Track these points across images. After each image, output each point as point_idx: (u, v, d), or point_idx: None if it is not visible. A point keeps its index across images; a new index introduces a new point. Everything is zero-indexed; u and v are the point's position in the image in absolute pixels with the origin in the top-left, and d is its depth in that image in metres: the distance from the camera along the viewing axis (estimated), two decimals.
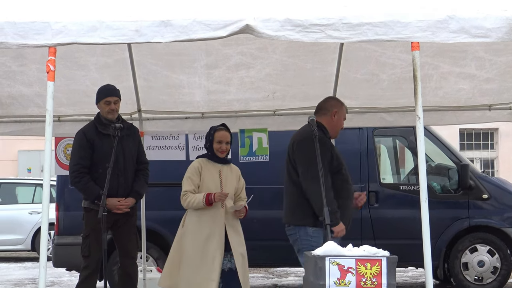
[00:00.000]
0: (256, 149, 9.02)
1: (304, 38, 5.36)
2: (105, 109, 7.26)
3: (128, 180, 7.27)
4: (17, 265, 16.05)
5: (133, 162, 7.34)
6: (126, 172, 7.25)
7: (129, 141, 7.32)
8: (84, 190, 7.20)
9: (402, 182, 11.11)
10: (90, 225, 7.13)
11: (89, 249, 7.12)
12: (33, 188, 17.43)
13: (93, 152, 7.18)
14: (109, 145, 7.07)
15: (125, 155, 7.24)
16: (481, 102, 8.68)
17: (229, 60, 7.74)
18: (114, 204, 7.10)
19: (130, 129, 7.39)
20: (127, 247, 7.34)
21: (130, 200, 7.24)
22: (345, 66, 7.93)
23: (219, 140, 7.09)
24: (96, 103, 7.35)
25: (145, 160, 7.54)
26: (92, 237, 7.10)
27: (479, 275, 10.51)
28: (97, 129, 7.23)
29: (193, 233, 7.00)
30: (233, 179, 7.17)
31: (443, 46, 6.90)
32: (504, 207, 10.61)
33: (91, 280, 7.22)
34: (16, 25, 5.36)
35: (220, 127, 7.17)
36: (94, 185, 7.11)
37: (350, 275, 4.77)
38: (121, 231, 7.31)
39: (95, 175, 7.16)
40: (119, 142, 7.09)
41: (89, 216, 7.18)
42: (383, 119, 9.03)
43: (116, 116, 7.30)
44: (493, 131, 24.30)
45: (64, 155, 9.15)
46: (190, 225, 7.05)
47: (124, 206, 7.18)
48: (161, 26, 5.33)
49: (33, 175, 25.24)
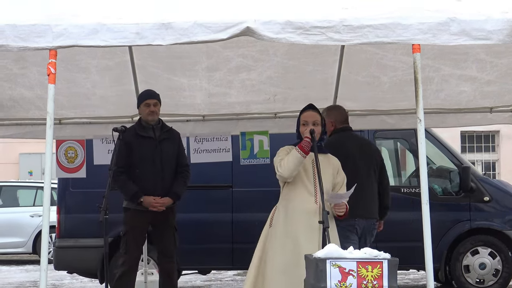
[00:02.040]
0: (257, 152, 9.02)
1: (305, 41, 5.36)
2: (145, 111, 7.51)
3: (166, 182, 7.48)
4: (18, 268, 16.05)
5: (171, 165, 7.55)
6: (164, 174, 7.48)
7: (169, 144, 7.57)
8: (121, 188, 7.46)
9: (403, 184, 11.12)
10: (129, 224, 7.44)
11: (126, 247, 7.41)
12: (34, 191, 17.44)
13: (131, 153, 7.40)
14: (148, 147, 7.42)
15: (163, 157, 7.48)
16: (482, 105, 8.68)
17: (230, 62, 7.74)
18: (149, 201, 7.36)
19: (170, 132, 7.66)
20: (165, 246, 7.56)
21: (167, 200, 7.44)
22: (346, 68, 7.93)
23: (305, 121, 6.21)
24: (137, 107, 7.60)
25: (185, 162, 7.76)
26: (130, 235, 7.41)
27: (480, 277, 10.51)
28: (136, 131, 7.48)
29: (281, 236, 6.10)
30: (329, 172, 6.22)
31: (444, 49, 6.89)
32: (505, 209, 10.62)
33: (129, 277, 7.45)
34: (17, 27, 5.36)
35: (307, 107, 6.32)
36: (131, 184, 7.41)
37: (351, 278, 4.76)
38: (159, 230, 7.55)
39: (132, 176, 7.43)
40: (158, 145, 7.46)
41: (128, 215, 7.49)
42: (384, 121, 9.03)
43: (157, 119, 7.57)
44: (494, 133, 24.29)
45: (65, 158, 9.16)
46: (278, 224, 6.15)
47: (159, 204, 7.37)
48: (162, 28, 5.33)
49: (34, 178, 25.23)
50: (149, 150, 7.44)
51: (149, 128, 7.52)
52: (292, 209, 6.11)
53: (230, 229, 10.48)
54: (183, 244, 9.97)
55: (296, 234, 6.01)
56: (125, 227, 7.48)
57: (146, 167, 7.42)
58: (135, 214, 7.41)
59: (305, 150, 6.03)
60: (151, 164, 7.41)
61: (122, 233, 7.53)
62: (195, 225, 10.38)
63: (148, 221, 7.47)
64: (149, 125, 7.53)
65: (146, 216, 7.40)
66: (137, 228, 7.42)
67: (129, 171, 7.43)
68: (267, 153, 8.94)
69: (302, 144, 6.05)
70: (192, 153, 9.02)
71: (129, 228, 7.43)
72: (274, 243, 6.09)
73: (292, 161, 6.02)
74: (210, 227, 10.43)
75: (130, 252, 7.40)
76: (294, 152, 6.04)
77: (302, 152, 6.02)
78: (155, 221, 7.48)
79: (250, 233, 9.77)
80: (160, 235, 7.57)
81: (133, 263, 7.45)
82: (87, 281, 12.47)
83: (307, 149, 6.03)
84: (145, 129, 7.51)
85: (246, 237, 10.13)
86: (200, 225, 10.43)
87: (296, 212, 6.09)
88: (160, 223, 7.50)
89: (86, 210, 10.22)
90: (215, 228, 10.45)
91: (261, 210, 7.46)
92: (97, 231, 9.33)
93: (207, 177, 10.41)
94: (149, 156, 7.43)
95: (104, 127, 8.93)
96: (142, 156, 7.42)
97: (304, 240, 5.95)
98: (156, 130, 7.54)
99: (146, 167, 7.42)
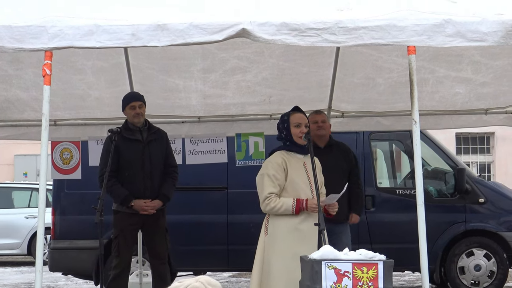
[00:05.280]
0: (253, 153, 9.02)
1: (300, 42, 5.36)
2: (130, 114, 7.47)
3: (155, 184, 7.47)
4: (13, 269, 16.02)
5: (159, 166, 7.53)
6: (152, 176, 7.46)
7: (156, 145, 7.54)
8: (111, 192, 7.43)
9: (398, 186, 11.13)
10: (119, 226, 7.44)
11: (118, 249, 7.41)
12: (29, 193, 17.42)
13: (119, 156, 7.37)
14: (135, 150, 7.39)
15: (151, 159, 7.46)
16: (477, 106, 8.69)
17: (225, 64, 7.75)
18: (140, 205, 7.35)
19: (157, 133, 7.62)
20: (156, 248, 7.55)
21: (157, 202, 7.44)
22: (342, 70, 7.93)
23: (297, 123, 6.08)
24: (122, 110, 7.55)
25: (173, 163, 7.72)
26: (120, 238, 7.41)
27: (475, 279, 10.52)
28: (123, 134, 7.42)
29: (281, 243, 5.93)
30: (319, 174, 6.14)
31: (439, 50, 6.91)
32: (500, 211, 10.62)
33: (122, 278, 7.45)
34: (12, 29, 5.35)
35: (294, 110, 6.21)
36: (121, 188, 7.39)
37: (346, 279, 4.76)
38: (150, 232, 7.54)
39: (121, 179, 7.41)
40: (146, 146, 7.42)
41: (117, 218, 7.49)
42: (380, 123, 9.03)
43: (143, 121, 7.52)
44: (489, 135, 24.31)
45: (61, 159, 9.15)
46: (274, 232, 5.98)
47: (150, 208, 7.38)
48: (158, 30, 5.32)
49: (29, 179, 25.23)
50: (137, 153, 7.41)
51: (136, 131, 7.48)
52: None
53: (225, 231, 10.47)
54: (178, 245, 9.99)
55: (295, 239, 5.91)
56: (115, 230, 7.48)
57: (135, 170, 7.40)
58: (125, 217, 7.41)
59: (299, 211, 5.89)
60: (140, 166, 7.40)
61: (113, 236, 7.54)
62: (190, 226, 10.37)
63: (138, 223, 7.46)
64: (136, 127, 7.49)
65: (136, 218, 7.40)
66: (127, 230, 7.42)
67: (117, 175, 7.40)
68: (262, 154, 8.93)
69: (302, 206, 5.88)
70: (188, 155, 9.01)
71: (119, 231, 7.43)
72: (273, 252, 5.94)
73: (281, 212, 5.90)
74: (205, 228, 10.42)
75: (121, 255, 7.40)
76: (290, 209, 5.88)
77: (296, 211, 5.88)
78: (146, 223, 7.47)
79: (245, 234, 9.79)
80: (151, 238, 7.56)
81: (125, 265, 7.44)
82: (82, 282, 12.46)
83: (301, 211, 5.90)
84: (132, 132, 7.47)
85: (241, 238, 10.14)
86: (195, 227, 10.42)
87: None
88: (151, 226, 7.49)
89: (81, 212, 10.21)
90: (210, 230, 10.44)
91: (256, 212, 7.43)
92: (92, 233, 9.28)
93: (202, 178, 10.41)
94: (138, 158, 7.40)
95: (99, 128, 8.92)
96: (130, 159, 7.39)
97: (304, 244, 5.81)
98: (143, 132, 7.51)
99: (135, 170, 7.40)
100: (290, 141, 6.11)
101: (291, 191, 5.98)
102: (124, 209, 7.39)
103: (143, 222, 7.45)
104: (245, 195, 10.30)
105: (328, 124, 7.83)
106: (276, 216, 5.98)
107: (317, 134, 7.55)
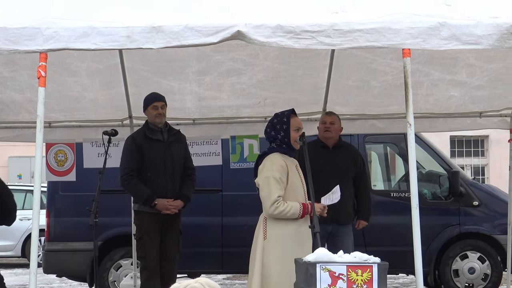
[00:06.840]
0: (247, 156, 9.02)
1: (295, 45, 5.36)
2: (152, 114, 7.50)
3: (176, 184, 7.52)
4: (7, 271, 15.98)
5: (180, 167, 7.57)
6: (174, 177, 7.51)
7: (177, 146, 7.59)
8: (133, 192, 7.50)
9: (393, 189, 11.13)
10: (144, 227, 7.44)
11: (144, 250, 7.41)
12: (23, 195, 17.37)
13: (142, 156, 7.39)
14: (157, 150, 7.41)
15: (173, 160, 7.50)
16: (472, 109, 8.70)
17: (220, 66, 7.75)
18: (163, 204, 7.37)
19: (177, 135, 7.67)
20: (167, 248, 7.53)
21: (179, 202, 7.48)
22: (336, 72, 7.94)
23: (297, 128, 6.09)
24: (144, 110, 7.59)
25: (192, 165, 7.79)
26: (146, 238, 7.40)
27: (469, 282, 10.52)
28: (146, 134, 7.46)
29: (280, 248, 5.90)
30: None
31: (434, 53, 6.91)
32: (494, 214, 10.63)
33: (153, 278, 7.43)
34: (7, 30, 5.35)
35: (292, 112, 6.17)
36: (143, 187, 7.39)
37: (341, 282, 4.76)
38: (165, 233, 7.52)
39: (144, 179, 7.42)
40: (168, 147, 7.45)
41: (140, 218, 7.50)
42: (374, 125, 9.04)
43: (164, 121, 7.56)
44: (483, 138, 24.34)
45: (55, 161, 9.14)
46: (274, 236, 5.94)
47: (173, 207, 7.41)
48: (153, 32, 5.32)
49: (23, 181, 25.16)
50: (159, 153, 7.44)
51: (158, 131, 7.52)
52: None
53: (220, 233, 10.46)
54: None
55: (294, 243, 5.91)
56: (139, 231, 7.48)
57: (158, 170, 7.42)
58: (148, 216, 7.41)
59: (304, 215, 5.90)
60: (162, 167, 7.43)
61: (136, 238, 7.53)
62: (185, 228, 10.33)
63: (160, 222, 7.45)
64: (157, 127, 7.52)
65: (158, 218, 7.40)
66: (152, 230, 7.40)
67: (139, 174, 7.42)
68: (257, 157, 8.92)
69: (307, 211, 5.88)
70: None
71: (144, 232, 7.43)
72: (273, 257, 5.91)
73: (289, 216, 5.87)
74: (199, 231, 10.40)
75: (148, 255, 7.40)
76: (297, 213, 5.86)
77: (302, 215, 5.88)
78: (164, 224, 7.47)
79: (240, 237, 9.78)
80: (165, 238, 7.54)
81: (154, 264, 7.40)
82: (76, 284, 12.43)
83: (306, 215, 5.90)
84: (154, 132, 7.51)
85: (236, 241, 10.13)
86: (189, 229, 10.38)
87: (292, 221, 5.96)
88: (168, 226, 7.49)
89: (76, 214, 10.18)
90: (204, 232, 10.43)
91: (251, 214, 7.46)
92: (87, 235, 9.31)
93: (197, 180, 10.39)
94: (160, 159, 7.43)
95: (94, 130, 8.92)
96: (153, 159, 7.42)
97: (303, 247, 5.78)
98: (164, 133, 7.54)
99: (157, 170, 7.42)
100: (287, 144, 6.08)
101: (291, 194, 5.97)
102: (147, 209, 7.39)
103: (162, 221, 7.44)
104: (240, 198, 10.30)
105: (339, 126, 7.86)
106: (275, 220, 5.95)
107: (323, 136, 7.68)
